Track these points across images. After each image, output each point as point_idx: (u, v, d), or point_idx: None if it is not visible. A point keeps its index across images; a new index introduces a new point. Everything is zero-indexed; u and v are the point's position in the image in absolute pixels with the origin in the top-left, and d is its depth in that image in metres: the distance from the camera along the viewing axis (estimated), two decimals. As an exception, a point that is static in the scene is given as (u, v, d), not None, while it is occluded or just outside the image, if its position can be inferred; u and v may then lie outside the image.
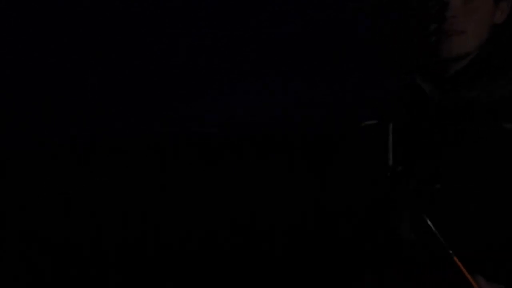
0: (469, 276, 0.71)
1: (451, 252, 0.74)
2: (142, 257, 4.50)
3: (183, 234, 5.36)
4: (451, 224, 0.83)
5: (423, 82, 0.92)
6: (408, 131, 0.93)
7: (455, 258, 0.73)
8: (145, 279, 3.85)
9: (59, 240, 4.92)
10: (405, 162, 0.91)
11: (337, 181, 1.04)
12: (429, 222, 0.77)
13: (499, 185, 0.83)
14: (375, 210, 0.95)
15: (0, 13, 2.88)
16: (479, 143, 0.85)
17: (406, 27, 0.93)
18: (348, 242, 0.98)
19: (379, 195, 0.93)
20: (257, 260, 4.44)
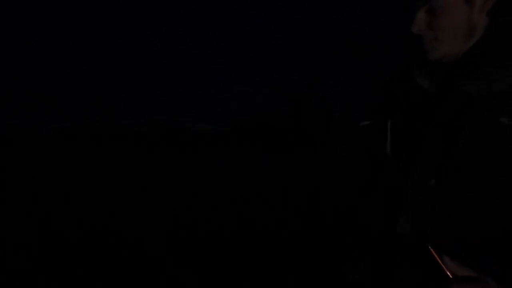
0: (438, 260, 0.73)
1: (426, 242, 0.76)
2: (130, 248, 4.53)
3: (170, 224, 5.42)
4: (445, 219, 0.84)
5: (421, 79, 0.95)
6: (406, 128, 0.94)
7: (430, 247, 0.75)
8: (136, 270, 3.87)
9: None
10: (404, 159, 0.92)
11: (333, 177, 1.06)
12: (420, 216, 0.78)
13: (495, 180, 0.82)
14: (368, 206, 0.97)
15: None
16: (476, 138, 0.84)
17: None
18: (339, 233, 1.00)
19: (375, 190, 0.95)
20: (248, 249, 4.47)
